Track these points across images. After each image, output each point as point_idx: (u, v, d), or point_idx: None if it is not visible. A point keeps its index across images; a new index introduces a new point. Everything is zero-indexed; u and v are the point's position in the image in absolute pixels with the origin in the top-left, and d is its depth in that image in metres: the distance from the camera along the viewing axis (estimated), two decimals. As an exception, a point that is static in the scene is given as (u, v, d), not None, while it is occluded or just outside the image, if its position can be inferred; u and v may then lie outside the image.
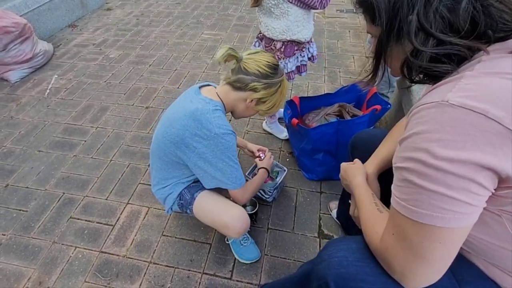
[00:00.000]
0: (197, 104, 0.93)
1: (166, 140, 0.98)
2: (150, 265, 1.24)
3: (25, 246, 1.33)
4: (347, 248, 0.63)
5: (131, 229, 1.38)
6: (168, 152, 1.00)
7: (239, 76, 0.94)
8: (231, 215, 1.03)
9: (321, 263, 0.64)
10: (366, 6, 0.57)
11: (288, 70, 1.51)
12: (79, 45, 2.88)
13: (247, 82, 0.94)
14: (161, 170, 1.08)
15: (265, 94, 0.96)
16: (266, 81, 0.94)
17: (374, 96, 1.51)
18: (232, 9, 3.48)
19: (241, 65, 0.94)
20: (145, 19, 3.34)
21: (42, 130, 1.93)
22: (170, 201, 1.11)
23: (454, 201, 0.43)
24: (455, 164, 0.42)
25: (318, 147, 1.41)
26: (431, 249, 0.47)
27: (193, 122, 0.91)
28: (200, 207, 1.07)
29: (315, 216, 1.40)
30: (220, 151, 0.92)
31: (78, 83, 2.36)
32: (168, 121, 0.99)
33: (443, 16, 0.48)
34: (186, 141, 0.92)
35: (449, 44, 0.48)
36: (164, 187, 1.11)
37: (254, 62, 0.93)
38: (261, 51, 0.99)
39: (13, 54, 2.32)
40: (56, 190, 1.56)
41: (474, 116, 0.41)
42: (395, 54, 0.57)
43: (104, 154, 1.74)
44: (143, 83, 2.33)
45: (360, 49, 2.63)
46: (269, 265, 1.23)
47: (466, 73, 0.47)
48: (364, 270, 0.58)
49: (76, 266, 1.25)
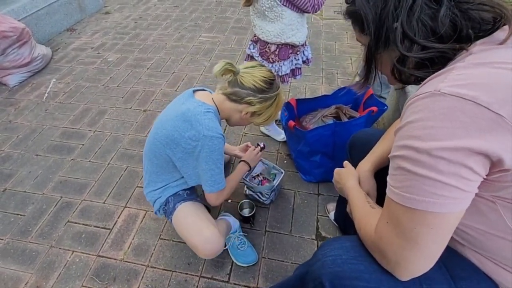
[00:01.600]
0: (188, 105, 0.94)
1: (157, 142, 1.00)
2: (148, 269, 1.24)
3: (23, 250, 1.32)
4: (341, 247, 0.64)
5: (129, 232, 1.37)
6: (158, 154, 1.02)
7: (235, 89, 0.96)
8: (202, 237, 1.01)
9: (316, 263, 0.64)
10: (355, 17, 0.60)
11: (282, 73, 1.51)
12: (77, 48, 2.89)
13: (243, 96, 0.96)
14: (152, 173, 1.10)
15: (260, 108, 0.98)
16: (261, 95, 0.96)
17: (370, 98, 1.51)
18: (229, 11, 3.49)
19: (238, 79, 0.95)
20: (143, 22, 3.35)
21: (40, 134, 1.93)
22: (157, 205, 1.14)
23: (445, 186, 0.45)
24: (446, 150, 0.44)
25: (315, 149, 1.42)
26: (423, 234, 0.48)
27: (183, 123, 0.92)
28: (177, 220, 1.07)
29: (312, 218, 1.40)
30: (205, 153, 0.93)
31: (76, 87, 2.36)
32: (160, 123, 1.01)
33: (425, 24, 0.51)
34: (176, 140, 0.95)
35: (433, 49, 0.52)
36: (154, 190, 1.13)
37: (250, 77, 0.94)
38: (258, 65, 1.00)
39: (11, 59, 2.32)
40: (54, 194, 1.56)
41: (465, 103, 0.43)
42: (385, 60, 0.60)
43: (101, 158, 1.74)
44: (141, 86, 2.34)
45: (358, 50, 2.63)
46: (266, 268, 1.23)
47: (457, 64, 0.49)
48: (358, 268, 0.59)
49: (73, 270, 1.25)
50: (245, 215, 1.35)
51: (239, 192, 1.52)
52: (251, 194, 1.46)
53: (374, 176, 0.85)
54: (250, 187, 1.43)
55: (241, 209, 1.40)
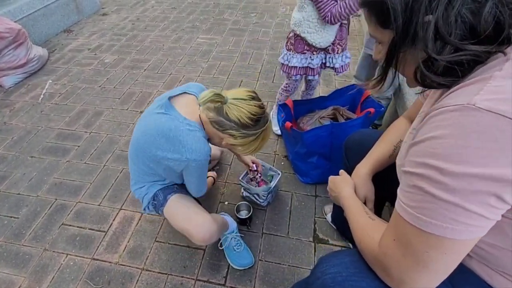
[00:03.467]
0: (169, 123, 0.91)
1: (140, 153, 1.01)
2: (143, 272, 1.23)
3: (16, 253, 1.30)
4: (340, 263, 0.61)
5: (124, 235, 1.36)
6: (142, 162, 1.03)
7: (219, 118, 0.90)
8: (194, 223, 1.02)
9: (315, 282, 0.61)
10: (378, 8, 0.50)
11: (291, 64, 1.51)
12: (74, 50, 2.88)
13: (225, 127, 0.91)
14: (139, 173, 1.10)
15: (242, 142, 0.93)
16: (244, 131, 0.91)
17: (368, 99, 1.51)
18: (227, 13, 3.49)
19: (224, 108, 0.89)
20: (140, 23, 3.35)
21: (35, 135, 1.92)
22: (145, 201, 1.13)
23: (469, 213, 0.40)
24: (477, 177, 0.38)
25: (312, 151, 1.41)
26: (435, 259, 0.45)
27: (166, 143, 0.91)
28: (169, 210, 1.08)
29: (310, 220, 1.39)
30: (189, 171, 0.97)
31: (73, 88, 2.35)
32: (142, 134, 0.98)
33: (464, 20, 0.43)
34: (158, 158, 0.95)
35: (467, 51, 0.44)
36: (141, 187, 1.13)
37: (237, 110, 0.88)
38: (249, 98, 0.91)
39: (7, 60, 2.31)
40: (48, 196, 1.54)
41: (504, 122, 0.37)
42: (408, 61, 0.52)
43: (97, 160, 1.73)
44: (138, 87, 2.33)
45: (355, 52, 2.63)
46: (263, 271, 1.22)
47: (495, 73, 0.42)
48: (360, 285, 0.56)
49: (67, 274, 1.23)
50: (242, 217, 1.34)
51: (236, 194, 1.51)
52: (248, 196, 1.45)
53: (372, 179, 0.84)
54: (247, 189, 1.41)
55: (238, 211, 1.38)
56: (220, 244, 1.27)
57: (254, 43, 2.86)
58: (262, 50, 2.73)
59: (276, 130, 1.84)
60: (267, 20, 3.27)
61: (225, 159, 1.71)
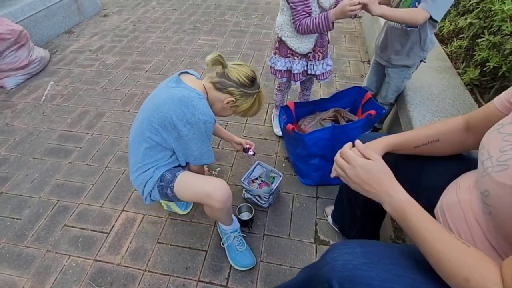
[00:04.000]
0: (183, 91, 1.03)
1: (152, 124, 1.04)
2: (145, 273, 1.23)
3: (18, 255, 1.31)
4: (351, 252, 0.61)
5: (126, 236, 1.36)
6: (153, 135, 1.06)
7: (221, 79, 1.08)
8: (212, 184, 1.08)
9: (325, 266, 0.61)
10: None
11: (276, 67, 1.55)
12: (76, 51, 2.88)
13: (226, 86, 1.07)
14: (143, 155, 1.11)
15: (240, 101, 1.10)
16: (242, 89, 1.08)
17: (369, 101, 1.52)
18: (228, 15, 3.50)
19: (225, 71, 1.08)
20: (142, 25, 3.36)
21: (37, 137, 1.92)
22: (150, 185, 1.13)
23: None
24: None
25: (314, 153, 1.41)
26: None
27: (180, 107, 1.00)
28: (182, 183, 1.10)
29: (311, 221, 1.40)
30: (200, 133, 1.04)
31: (74, 90, 2.36)
32: (155, 106, 1.05)
33: None
34: (173, 123, 1.01)
35: None
36: (144, 171, 1.12)
37: (236, 72, 1.07)
38: (244, 64, 1.11)
39: (8, 61, 2.31)
40: (51, 198, 1.54)
41: None
42: None
43: (99, 161, 1.73)
44: (139, 89, 2.34)
45: (356, 54, 2.65)
46: (265, 272, 1.22)
47: None
48: (369, 275, 0.56)
49: (69, 275, 1.23)
50: (244, 219, 1.34)
51: (238, 196, 1.52)
52: (250, 198, 1.46)
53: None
54: (248, 191, 1.42)
55: (240, 212, 1.39)
56: (222, 242, 1.28)
57: (255, 44, 2.87)
58: (263, 52, 2.74)
59: (277, 131, 1.85)
60: (268, 22, 3.28)
61: (226, 160, 1.72)
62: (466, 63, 1.67)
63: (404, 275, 0.56)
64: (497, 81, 1.47)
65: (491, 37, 1.41)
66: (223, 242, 1.27)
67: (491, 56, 1.40)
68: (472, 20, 1.59)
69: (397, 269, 0.57)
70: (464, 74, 1.60)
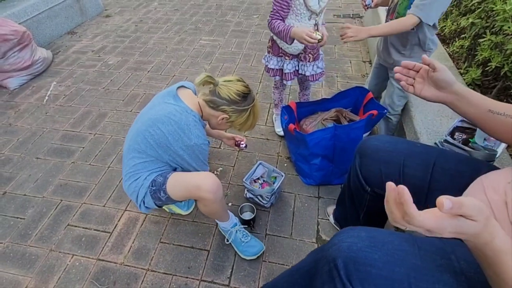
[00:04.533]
0: (181, 115, 1.05)
1: (148, 139, 1.07)
2: (148, 273, 1.24)
3: (22, 254, 1.32)
4: (357, 235, 0.64)
5: (129, 236, 1.37)
6: (148, 149, 1.09)
7: (213, 98, 1.10)
8: (200, 176, 1.11)
9: (332, 247, 0.65)
10: None
11: (269, 65, 1.58)
12: (78, 51, 2.90)
13: (218, 104, 1.10)
14: (137, 164, 1.12)
15: (234, 117, 1.13)
16: (235, 106, 1.10)
17: (370, 101, 1.52)
18: (230, 15, 3.51)
19: (216, 89, 1.09)
20: (143, 25, 3.37)
21: (40, 137, 1.94)
22: (142, 192, 1.13)
23: None
24: None
25: (315, 152, 1.42)
26: None
27: (177, 130, 1.04)
28: (172, 182, 1.11)
29: (313, 221, 1.40)
30: (195, 155, 1.10)
31: (77, 90, 2.37)
32: (151, 121, 1.07)
33: None
34: (169, 142, 1.05)
35: None
36: (136, 179, 1.13)
37: (226, 89, 1.08)
38: (236, 79, 1.12)
39: (12, 62, 2.33)
40: (54, 198, 1.55)
41: None
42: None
43: (102, 161, 1.74)
44: (141, 89, 2.35)
45: (357, 53, 2.65)
46: (267, 272, 1.23)
47: None
48: (372, 257, 0.59)
49: (73, 274, 1.24)
50: (246, 219, 1.35)
51: (240, 195, 1.53)
52: (252, 198, 1.46)
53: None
54: (250, 190, 1.43)
55: (242, 212, 1.40)
56: (227, 239, 1.29)
57: (256, 44, 2.87)
58: (265, 52, 2.72)
59: (279, 131, 1.85)
60: (269, 22, 3.28)
61: (228, 160, 1.72)
62: (468, 63, 1.67)
63: (406, 260, 0.59)
64: (499, 80, 1.47)
65: (493, 37, 1.41)
66: (227, 239, 1.28)
67: (493, 56, 1.40)
68: (474, 20, 1.59)
69: (399, 254, 0.60)
70: (466, 74, 1.60)
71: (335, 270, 0.61)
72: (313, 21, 1.37)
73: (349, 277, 0.58)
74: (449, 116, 1.36)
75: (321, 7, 1.34)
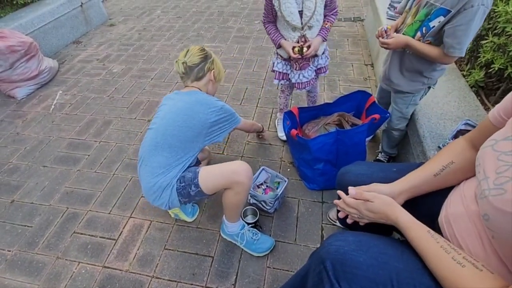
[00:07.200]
0: (196, 96, 1.22)
1: (186, 128, 1.16)
2: (153, 280, 1.24)
3: (30, 262, 1.34)
4: (344, 239, 0.69)
5: (134, 243, 1.38)
6: (189, 136, 1.17)
7: (194, 70, 1.24)
8: (235, 163, 1.18)
9: (322, 249, 0.70)
10: None
11: (274, 67, 1.60)
12: (83, 60, 2.95)
13: (201, 68, 1.24)
14: (168, 158, 1.15)
15: (215, 67, 1.29)
16: (209, 59, 1.26)
17: (373, 105, 1.52)
18: (231, 21, 3.54)
19: (188, 64, 1.22)
20: (147, 33, 3.42)
21: (47, 145, 1.97)
22: (168, 191, 1.14)
23: None
24: None
25: (318, 157, 1.42)
26: None
27: (202, 106, 1.19)
28: (205, 174, 1.16)
29: (317, 226, 1.40)
30: (226, 113, 1.25)
31: (82, 98, 2.41)
32: (185, 115, 1.18)
33: None
34: (205, 119, 1.18)
35: None
36: (165, 174, 1.14)
37: (192, 56, 1.23)
38: (187, 49, 1.26)
39: (19, 72, 2.38)
40: (60, 205, 1.57)
41: None
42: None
43: (107, 168, 1.77)
44: (145, 96, 2.38)
45: (359, 57, 2.65)
46: (272, 278, 1.22)
47: None
48: (358, 260, 0.63)
49: (79, 281, 1.25)
50: (249, 222, 1.35)
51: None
52: (255, 203, 1.46)
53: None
54: (253, 196, 1.43)
55: (245, 215, 1.40)
56: (239, 243, 1.31)
57: (258, 50, 2.90)
58: (267, 57, 2.76)
59: (281, 136, 1.85)
60: (271, 27, 3.31)
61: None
62: (471, 64, 1.66)
63: (389, 263, 0.63)
64: (503, 82, 1.46)
65: (496, 39, 1.40)
66: (240, 243, 1.30)
67: (496, 57, 1.39)
68: (475, 21, 1.59)
69: (383, 257, 0.64)
70: (469, 76, 1.59)
71: (324, 271, 0.65)
72: (297, 33, 1.39)
73: (337, 277, 0.63)
74: (453, 119, 1.35)
75: (305, 23, 1.35)
